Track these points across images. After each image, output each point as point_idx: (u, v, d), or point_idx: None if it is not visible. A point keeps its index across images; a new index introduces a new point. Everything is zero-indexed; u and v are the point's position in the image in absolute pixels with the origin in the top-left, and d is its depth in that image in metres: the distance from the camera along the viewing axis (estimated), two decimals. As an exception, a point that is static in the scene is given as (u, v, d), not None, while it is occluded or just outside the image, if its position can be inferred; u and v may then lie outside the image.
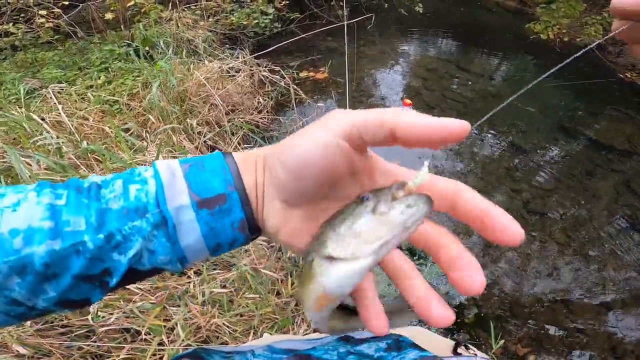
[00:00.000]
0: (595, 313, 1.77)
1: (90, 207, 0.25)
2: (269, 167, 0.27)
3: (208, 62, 2.65)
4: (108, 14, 3.37)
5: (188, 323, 1.28)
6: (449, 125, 0.21)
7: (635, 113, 3.16)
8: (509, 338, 1.68)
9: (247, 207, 0.28)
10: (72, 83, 2.77)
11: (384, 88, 3.34)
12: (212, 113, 2.29)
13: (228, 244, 0.29)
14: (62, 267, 0.25)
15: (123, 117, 2.31)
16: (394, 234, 0.20)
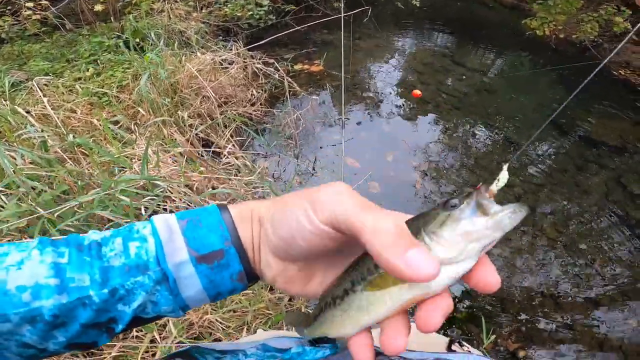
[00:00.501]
0: (583, 308, 1.79)
1: (93, 265, 0.27)
2: (264, 229, 0.29)
3: (200, 54, 2.60)
4: (98, 6, 3.29)
5: (180, 320, 1.27)
6: (407, 272, 0.21)
7: (627, 110, 3.18)
8: (499, 333, 1.69)
9: (245, 260, 0.30)
10: (60, 75, 2.71)
11: (379, 81, 3.32)
12: (204, 105, 2.25)
13: (228, 292, 0.31)
14: (70, 317, 0.26)
15: (112, 110, 2.26)
16: (496, 236, 0.22)
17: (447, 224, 0.22)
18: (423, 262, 0.21)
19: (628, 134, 2.88)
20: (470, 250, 0.22)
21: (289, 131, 2.56)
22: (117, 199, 1.36)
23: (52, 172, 1.40)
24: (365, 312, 0.25)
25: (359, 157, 2.50)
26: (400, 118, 2.95)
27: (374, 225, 0.22)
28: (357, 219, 0.23)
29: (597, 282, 1.89)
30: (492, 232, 0.21)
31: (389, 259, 0.21)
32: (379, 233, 0.22)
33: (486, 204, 0.22)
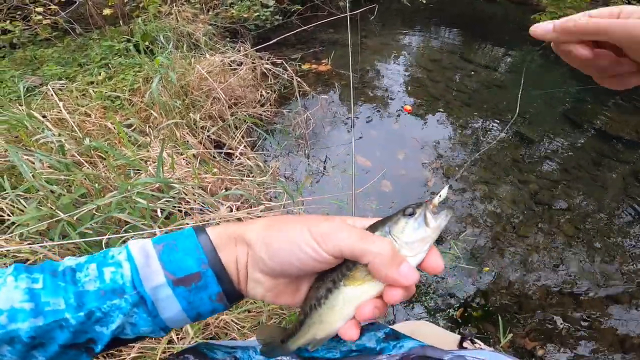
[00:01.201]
0: (602, 306, 1.75)
1: (67, 290, 0.28)
2: (253, 252, 0.31)
3: (209, 56, 2.62)
4: (106, 10, 3.32)
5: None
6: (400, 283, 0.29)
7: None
8: (516, 331, 1.66)
9: (224, 280, 0.31)
10: (73, 79, 2.75)
11: (387, 80, 3.30)
12: (215, 107, 2.26)
13: (209, 312, 0.32)
14: (47, 338, 0.27)
15: (125, 113, 2.29)
16: (437, 236, 0.31)
17: (406, 231, 0.30)
18: (410, 272, 0.29)
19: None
20: (422, 248, 0.30)
21: (299, 131, 2.56)
22: (134, 201, 1.37)
23: (69, 175, 1.42)
24: (349, 303, 0.31)
25: (370, 156, 2.49)
26: (410, 116, 2.93)
27: (374, 250, 0.28)
28: (360, 247, 0.29)
29: (616, 280, 1.85)
30: (434, 234, 0.30)
31: (389, 274, 0.28)
32: (379, 256, 0.28)
33: (429, 217, 0.31)
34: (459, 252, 1.96)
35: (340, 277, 0.31)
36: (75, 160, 1.56)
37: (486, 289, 1.82)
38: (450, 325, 1.69)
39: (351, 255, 0.29)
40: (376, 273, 0.29)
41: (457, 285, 1.83)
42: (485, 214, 2.17)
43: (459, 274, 1.87)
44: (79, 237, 1.24)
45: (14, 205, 1.29)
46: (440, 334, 0.66)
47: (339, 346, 0.42)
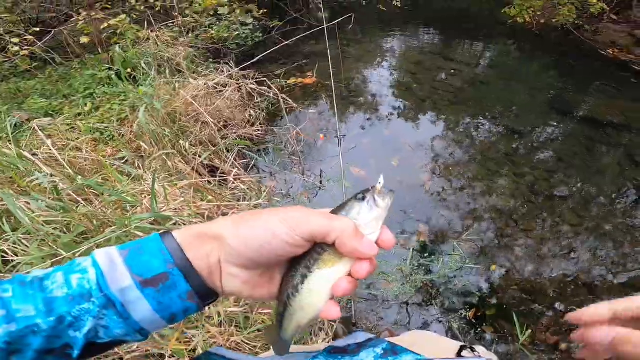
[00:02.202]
0: (620, 293, 1.73)
1: (35, 297, 0.29)
2: (225, 245, 0.32)
3: (193, 80, 2.60)
4: (83, 38, 3.30)
5: (208, 343, 1.29)
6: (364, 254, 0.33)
7: (624, 87, 3.18)
8: (535, 327, 1.63)
9: (193, 278, 0.32)
10: (59, 112, 2.71)
11: (373, 86, 3.33)
12: (205, 131, 2.24)
13: (182, 312, 0.33)
14: (22, 344, 0.28)
15: (116, 145, 2.26)
16: (386, 214, 0.35)
17: (361, 213, 0.35)
18: (371, 245, 0.33)
19: (629, 111, 2.88)
20: (377, 226, 0.35)
21: (291, 148, 2.55)
22: (134, 234, 1.35)
23: (66, 216, 1.40)
24: (326, 284, 0.34)
25: (364, 165, 2.49)
26: (400, 120, 2.94)
27: (340, 227, 0.32)
28: (328, 226, 0.32)
29: (630, 265, 1.83)
30: (384, 212, 0.35)
31: (354, 246, 0.32)
32: (344, 232, 0.32)
33: (377, 198, 0.35)
34: (463, 252, 1.95)
35: (313, 263, 0.34)
36: (71, 198, 1.53)
37: (497, 287, 1.80)
38: (464, 325, 1.67)
39: (321, 234, 0.32)
40: (343, 247, 0.32)
41: (466, 285, 1.82)
42: (485, 211, 2.17)
43: (466, 275, 1.86)
44: None
45: (17, 247, 1.30)
46: (442, 344, 0.66)
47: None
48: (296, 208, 0.33)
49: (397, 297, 1.80)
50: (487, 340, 1.61)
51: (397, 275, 1.87)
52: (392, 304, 1.78)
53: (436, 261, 1.92)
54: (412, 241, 2.03)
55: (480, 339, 1.62)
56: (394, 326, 1.70)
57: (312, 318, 0.36)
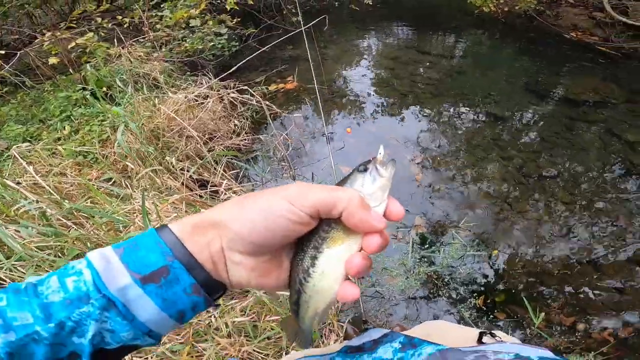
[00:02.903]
0: (626, 269, 1.73)
1: (31, 303, 0.28)
2: (226, 231, 0.31)
3: (172, 94, 2.55)
4: (52, 59, 3.17)
5: (220, 355, 1.28)
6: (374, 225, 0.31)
7: (592, 67, 3.31)
8: (548, 309, 1.63)
9: (196, 270, 0.30)
10: (38, 138, 2.62)
11: (354, 85, 3.34)
12: (190, 145, 2.19)
13: (190, 309, 0.31)
14: (25, 354, 0.27)
15: (100, 167, 2.19)
16: (390, 184, 0.34)
17: (365, 184, 0.33)
18: (380, 217, 0.32)
19: (601, 88, 2.99)
20: (383, 196, 0.33)
21: (279, 154, 2.53)
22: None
23: (59, 240, 1.34)
24: (338, 263, 0.32)
25: (353, 164, 2.47)
26: (385, 116, 2.96)
27: (346, 197, 0.30)
28: (332, 197, 0.30)
29: (629, 239, 1.85)
30: (388, 182, 0.33)
31: (363, 217, 0.30)
32: (351, 201, 0.30)
33: (380, 168, 0.34)
34: (463, 240, 1.96)
35: (321, 242, 0.32)
36: (61, 223, 1.48)
37: (502, 272, 1.82)
38: (475, 314, 1.67)
39: (325, 207, 0.30)
40: (351, 219, 0.30)
41: (471, 273, 1.83)
42: (479, 197, 2.20)
43: (469, 263, 1.87)
44: None
45: (13, 274, 1.26)
46: (459, 332, 0.65)
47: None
48: (297, 183, 0.32)
49: (403, 291, 1.79)
50: (502, 327, 1.61)
51: (400, 270, 1.87)
52: (399, 300, 1.77)
53: (437, 252, 1.93)
54: (410, 234, 2.03)
55: (495, 326, 1.62)
56: (404, 321, 1.69)
57: (330, 302, 0.34)
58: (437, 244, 1.97)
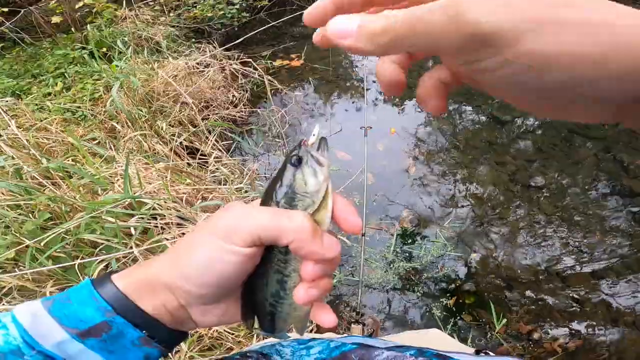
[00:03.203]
0: (590, 283, 1.76)
1: None
2: (181, 292, 0.28)
3: (173, 60, 2.49)
4: (55, 18, 3.11)
5: (190, 332, 1.24)
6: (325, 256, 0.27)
7: None
8: (510, 316, 1.66)
9: (145, 325, 0.28)
10: (27, 92, 2.57)
11: (360, 70, 3.27)
12: (184, 112, 2.15)
13: (147, 357, 0.29)
14: None
15: (88, 125, 2.15)
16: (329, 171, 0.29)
17: (308, 181, 0.28)
18: (334, 242, 0.27)
19: None
20: (326, 186, 0.28)
21: (275, 130, 2.50)
22: (105, 221, 1.29)
23: (31, 200, 1.32)
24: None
25: (350, 150, 2.46)
26: (387, 105, 2.91)
27: (292, 227, 0.26)
28: (275, 228, 0.26)
29: (599, 255, 1.88)
30: (328, 168, 0.28)
31: (314, 250, 0.26)
32: (299, 233, 0.26)
33: (316, 155, 0.28)
34: (445, 240, 1.96)
35: (284, 265, 0.29)
36: (36, 182, 1.45)
37: (476, 274, 1.83)
38: (445, 314, 1.69)
39: (268, 237, 0.26)
40: (299, 251, 0.26)
41: (448, 273, 1.84)
42: (466, 197, 2.19)
43: (447, 261, 1.88)
44: (52, 263, 1.20)
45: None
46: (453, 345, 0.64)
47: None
48: (228, 209, 0.28)
49: (381, 284, 1.81)
50: (465, 329, 1.65)
51: (380, 262, 1.88)
52: (375, 292, 1.79)
53: (419, 248, 1.93)
54: (395, 227, 2.03)
55: (459, 328, 1.65)
56: (378, 313, 1.71)
57: (305, 318, 0.32)
58: (419, 240, 1.98)
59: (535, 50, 0.17)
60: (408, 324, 1.69)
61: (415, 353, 0.41)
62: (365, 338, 0.45)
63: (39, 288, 1.23)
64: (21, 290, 1.22)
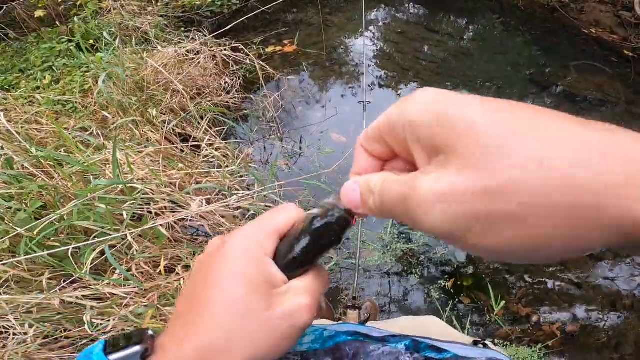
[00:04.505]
0: (588, 265, 1.73)
1: None
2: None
3: (162, 48, 2.44)
4: (38, 12, 3.05)
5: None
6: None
7: (604, 64, 3.18)
8: (509, 298, 1.64)
9: None
10: (16, 87, 2.54)
11: (355, 55, 3.22)
12: (176, 99, 2.11)
13: None
14: None
15: (79, 117, 2.12)
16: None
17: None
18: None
19: (606, 86, 2.89)
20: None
21: (269, 115, 2.46)
22: (97, 208, 1.26)
23: (22, 189, 1.29)
24: None
25: (345, 132, 2.44)
26: (383, 89, 2.88)
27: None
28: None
29: None
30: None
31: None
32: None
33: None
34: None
35: None
36: (28, 172, 1.42)
37: (474, 256, 1.81)
38: (443, 296, 1.67)
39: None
40: None
41: (445, 254, 1.82)
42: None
43: (445, 244, 1.86)
44: (45, 249, 1.19)
45: None
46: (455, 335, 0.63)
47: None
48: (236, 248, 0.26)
49: (378, 266, 1.79)
50: (464, 312, 1.63)
51: (378, 244, 1.86)
52: (373, 274, 1.77)
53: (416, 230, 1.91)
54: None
55: (458, 310, 1.64)
56: (376, 297, 1.70)
57: None
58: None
59: (479, 244, 0.18)
60: (406, 306, 1.67)
61: (409, 344, 0.40)
62: (359, 326, 0.43)
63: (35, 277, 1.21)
64: (19, 281, 1.21)
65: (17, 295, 1.13)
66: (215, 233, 1.52)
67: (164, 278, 1.33)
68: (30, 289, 1.19)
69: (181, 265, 1.41)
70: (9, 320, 1.09)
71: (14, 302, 1.10)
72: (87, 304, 1.17)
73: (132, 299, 1.25)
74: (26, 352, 1.07)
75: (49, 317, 1.14)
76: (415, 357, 0.38)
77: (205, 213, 1.38)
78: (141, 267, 1.33)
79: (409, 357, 0.37)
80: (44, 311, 1.14)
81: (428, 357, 0.38)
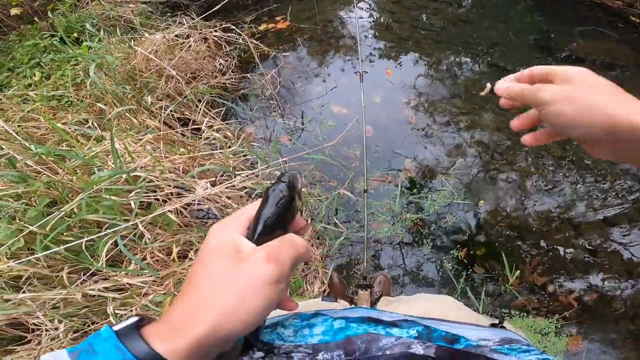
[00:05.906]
0: (602, 231, 1.69)
1: None
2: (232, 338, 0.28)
3: (149, 35, 2.35)
4: (13, 10, 2.95)
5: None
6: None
7: (610, 30, 3.06)
8: (523, 267, 1.61)
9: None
10: (8, 86, 2.49)
11: (351, 27, 3.11)
12: (171, 85, 2.06)
13: None
14: None
15: (76, 110, 2.08)
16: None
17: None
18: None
19: (614, 50, 2.79)
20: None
21: (267, 92, 2.41)
22: (104, 199, 1.25)
23: (27, 186, 1.28)
24: None
25: (345, 104, 2.39)
26: (382, 59, 2.79)
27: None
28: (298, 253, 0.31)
29: (611, 200, 1.80)
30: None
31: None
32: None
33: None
34: (452, 187, 1.92)
35: None
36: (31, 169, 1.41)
37: (486, 224, 1.79)
38: (456, 266, 1.66)
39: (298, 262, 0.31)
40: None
41: (456, 222, 1.81)
42: (471, 145, 2.13)
43: (456, 211, 1.85)
44: (62, 244, 1.19)
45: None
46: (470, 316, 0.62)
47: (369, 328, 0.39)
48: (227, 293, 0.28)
49: (389, 238, 1.78)
50: (478, 282, 1.61)
51: (387, 215, 1.84)
52: (384, 246, 1.76)
53: (425, 198, 1.89)
54: (400, 178, 1.99)
55: (472, 280, 1.62)
56: (388, 270, 1.70)
57: None
58: (425, 190, 1.94)
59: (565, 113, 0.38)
60: (419, 278, 1.66)
61: (422, 330, 0.39)
62: (370, 310, 0.43)
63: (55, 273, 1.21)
64: (41, 278, 1.21)
65: (42, 292, 1.13)
66: (222, 215, 1.51)
67: (178, 264, 1.33)
68: (53, 285, 1.20)
69: (193, 249, 1.42)
70: (37, 317, 1.11)
71: (39, 298, 1.11)
72: (108, 296, 1.18)
73: (150, 287, 1.26)
74: (60, 347, 1.09)
75: (75, 312, 1.16)
76: (428, 345, 0.37)
77: (211, 196, 1.36)
78: (155, 254, 1.33)
79: (421, 346, 0.37)
80: (70, 305, 1.15)
81: (440, 347, 0.37)
